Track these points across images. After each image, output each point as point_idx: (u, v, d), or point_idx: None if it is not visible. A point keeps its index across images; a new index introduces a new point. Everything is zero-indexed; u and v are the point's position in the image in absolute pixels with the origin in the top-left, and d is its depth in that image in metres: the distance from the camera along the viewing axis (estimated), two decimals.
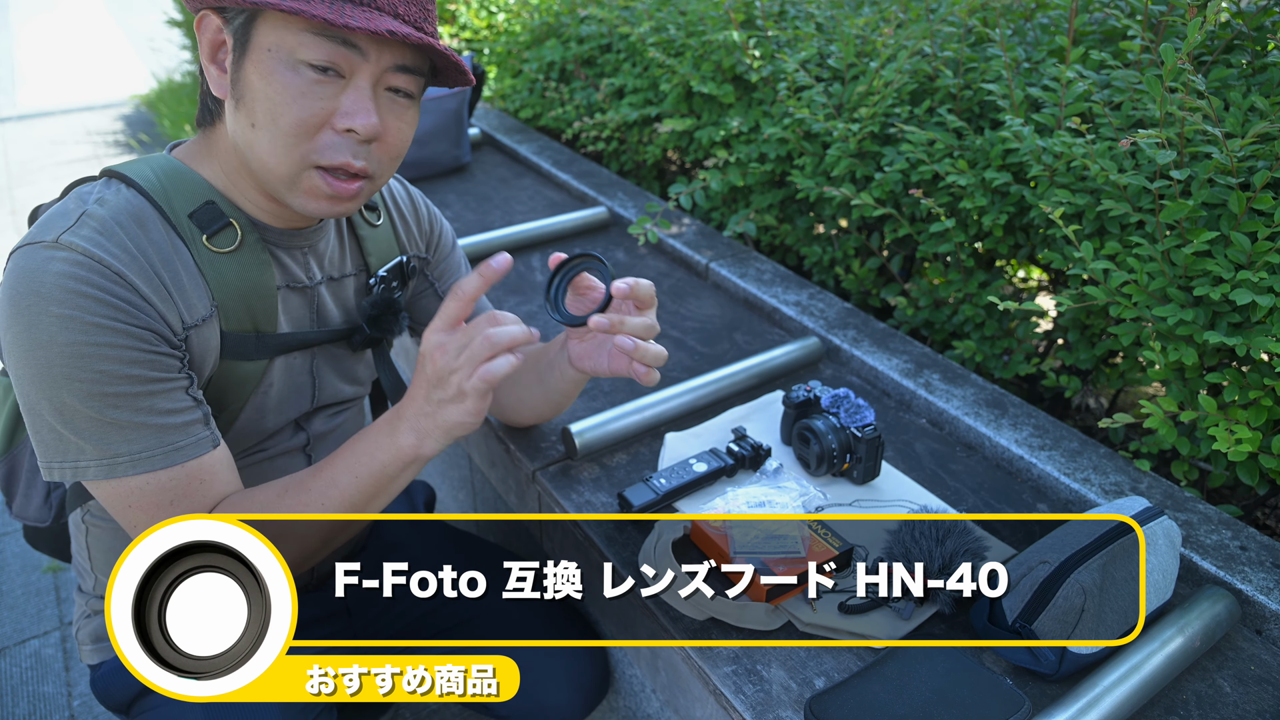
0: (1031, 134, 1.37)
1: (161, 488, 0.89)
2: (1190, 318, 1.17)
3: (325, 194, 0.92)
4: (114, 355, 0.84)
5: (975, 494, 1.22)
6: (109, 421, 0.85)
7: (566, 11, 2.62)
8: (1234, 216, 1.17)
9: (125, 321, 0.84)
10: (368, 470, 0.93)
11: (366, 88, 0.88)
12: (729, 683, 0.94)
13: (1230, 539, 1.10)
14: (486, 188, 2.27)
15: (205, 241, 0.93)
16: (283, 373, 1.05)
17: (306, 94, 0.86)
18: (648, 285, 0.96)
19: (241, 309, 0.97)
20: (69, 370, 0.82)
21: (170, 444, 0.88)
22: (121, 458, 0.87)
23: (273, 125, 0.87)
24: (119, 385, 0.84)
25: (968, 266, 1.64)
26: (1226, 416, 1.16)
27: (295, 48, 0.85)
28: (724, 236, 1.90)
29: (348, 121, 0.88)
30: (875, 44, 1.79)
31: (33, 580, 2.14)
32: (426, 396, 0.90)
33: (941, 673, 0.92)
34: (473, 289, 0.88)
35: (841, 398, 1.21)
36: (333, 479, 0.93)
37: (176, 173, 0.95)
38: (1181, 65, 1.14)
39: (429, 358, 0.89)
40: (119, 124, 5.58)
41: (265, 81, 0.86)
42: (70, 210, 0.88)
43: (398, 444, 0.92)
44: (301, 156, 0.89)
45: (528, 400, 1.23)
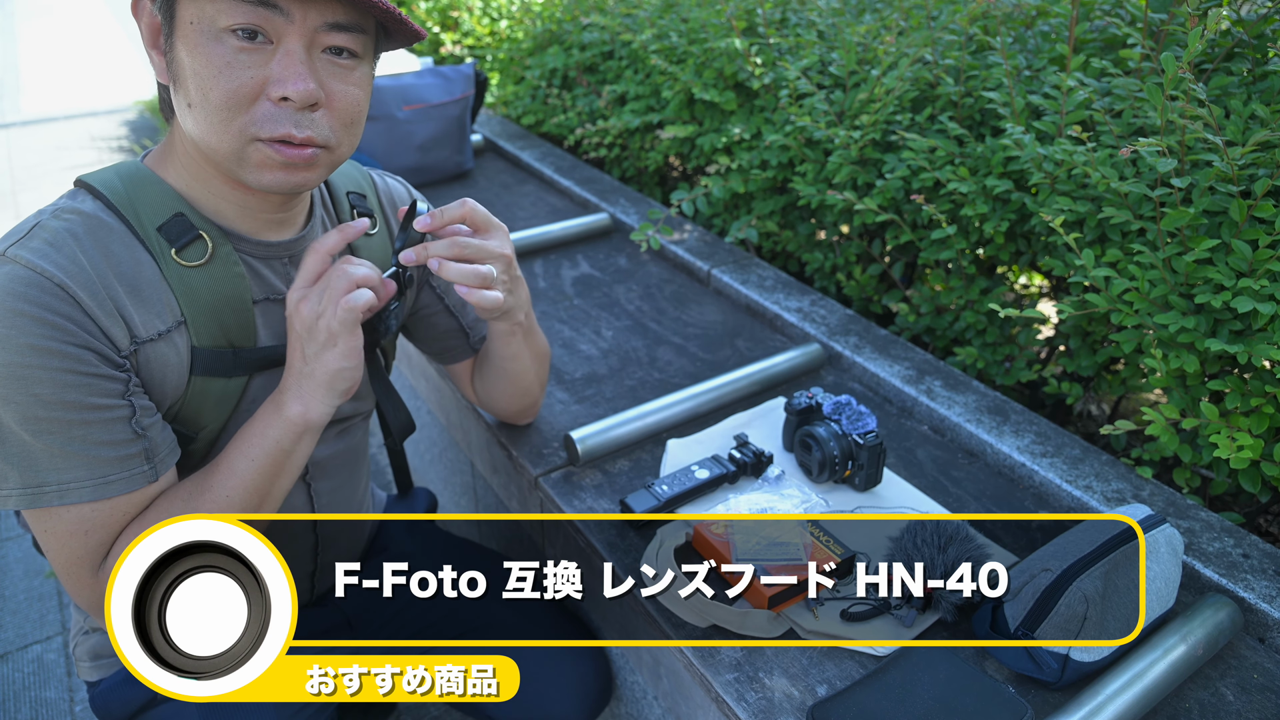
0: (1032, 142, 1.37)
1: (81, 518, 0.86)
2: (1192, 325, 1.17)
3: (278, 163, 0.86)
4: (48, 378, 0.80)
5: (977, 501, 1.22)
6: (41, 447, 0.82)
7: (569, 19, 2.63)
8: (1235, 224, 1.17)
9: (62, 340, 0.81)
10: (261, 450, 0.91)
11: (299, 50, 0.83)
12: (731, 690, 0.94)
13: (1233, 546, 1.10)
14: (489, 194, 2.28)
15: (174, 255, 0.90)
16: (264, 390, 0.99)
17: (232, 64, 0.81)
18: (453, 207, 0.95)
19: (213, 323, 0.93)
20: (3, 391, 0.80)
21: (101, 477, 0.85)
22: (48, 487, 0.84)
23: (205, 102, 0.83)
24: (53, 410, 0.81)
25: (969, 273, 1.64)
26: (1228, 424, 1.16)
27: (215, 16, 0.80)
28: (726, 243, 1.91)
29: (280, 89, 0.82)
30: (877, 51, 1.79)
31: (35, 585, 2.14)
32: (302, 355, 0.90)
33: (944, 680, 0.92)
34: (331, 244, 0.89)
35: (843, 404, 1.22)
36: (230, 469, 0.91)
37: (146, 182, 0.91)
38: (1182, 74, 1.14)
39: (295, 314, 0.89)
40: (123, 129, 5.60)
41: (192, 57, 0.82)
42: (26, 223, 0.85)
43: (285, 415, 0.91)
44: (240, 130, 0.84)
45: (493, 380, 1.23)
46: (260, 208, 0.96)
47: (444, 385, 1.57)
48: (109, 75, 6.83)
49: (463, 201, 0.97)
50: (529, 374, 1.21)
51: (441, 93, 2.27)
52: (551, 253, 1.95)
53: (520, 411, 1.30)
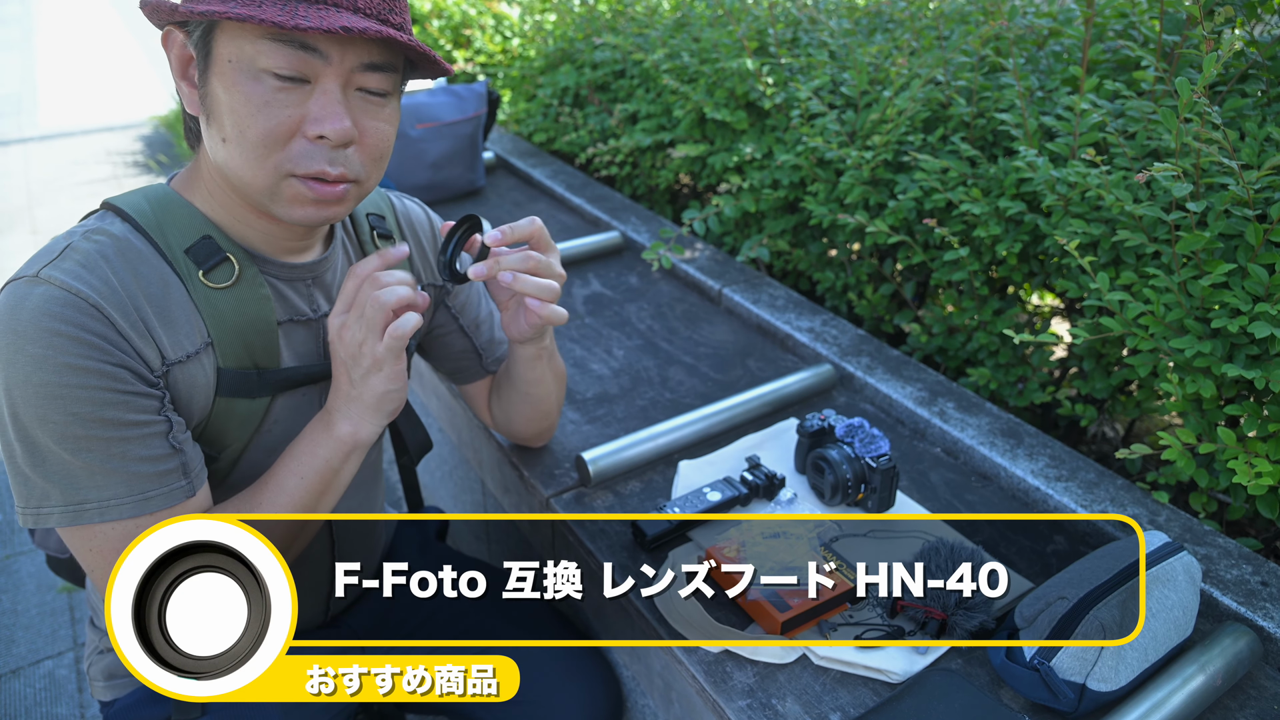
0: (1046, 164, 1.37)
1: (125, 535, 0.86)
2: (1208, 350, 1.16)
3: (309, 199, 0.88)
4: (86, 396, 0.82)
5: (990, 525, 1.21)
6: (80, 465, 0.83)
7: (581, 37, 2.64)
8: (1251, 248, 1.16)
9: (100, 359, 0.82)
10: (311, 468, 0.94)
11: (335, 90, 0.84)
12: (744, 716, 0.93)
13: (1251, 574, 1.09)
14: (500, 211, 2.29)
15: (201, 277, 0.91)
16: (287, 410, 1.01)
17: (271, 103, 0.83)
18: (524, 224, 0.96)
19: (239, 345, 0.94)
20: (42, 411, 0.81)
21: (141, 493, 0.86)
22: (89, 504, 0.84)
23: (241, 138, 0.84)
24: (92, 428, 0.82)
25: (981, 294, 1.64)
26: (1246, 449, 1.15)
27: (254, 56, 0.82)
28: (737, 262, 1.91)
29: (317, 128, 0.84)
30: (888, 72, 1.80)
31: (48, 600, 2.15)
32: (348, 378, 0.92)
33: (959, 709, 0.91)
34: (370, 269, 0.91)
35: (856, 427, 1.21)
36: (279, 486, 0.94)
37: (173, 205, 0.93)
38: (1197, 98, 1.14)
39: (339, 340, 0.91)
40: (138, 144, 5.65)
41: (229, 94, 0.83)
42: (57, 244, 0.86)
43: (335, 434, 0.94)
44: (275, 167, 0.86)
45: (514, 403, 1.23)
46: (285, 235, 0.98)
47: (456, 404, 1.57)
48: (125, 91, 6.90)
49: (532, 220, 0.98)
50: (551, 397, 1.22)
51: (454, 111, 2.28)
52: (565, 271, 1.95)
53: (538, 434, 1.31)
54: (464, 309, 1.24)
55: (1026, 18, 1.68)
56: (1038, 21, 1.66)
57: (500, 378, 1.25)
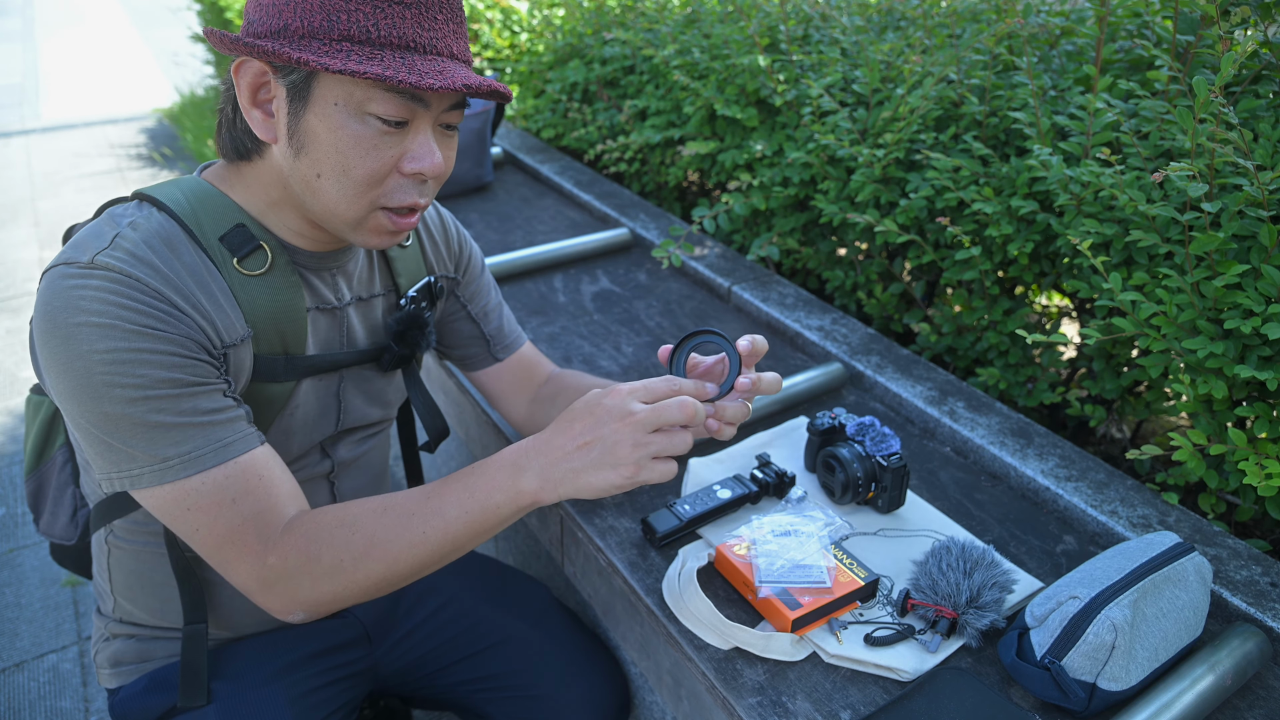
0: (1059, 163, 1.37)
1: (219, 486, 0.88)
2: (1220, 351, 1.16)
3: (389, 230, 0.95)
4: (153, 360, 0.84)
5: (1001, 524, 1.21)
6: (154, 424, 0.85)
7: (590, 33, 2.64)
8: (1264, 249, 1.16)
9: (164, 329, 0.85)
10: (480, 507, 0.90)
11: (429, 130, 0.91)
12: (754, 713, 0.93)
13: (1260, 575, 1.09)
14: (508, 207, 2.29)
15: (236, 264, 0.94)
16: (309, 395, 1.05)
17: (379, 145, 0.88)
18: (762, 342, 0.97)
19: (272, 331, 0.97)
20: (109, 378, 0.83)
21: (219, 440, 0.88)
22: (172, 460, 0.86)
23: (344, 176, 0.89)
24: (159, 389, 0.85)
25: (992, 293, 1.63)
26: (1256, 450, 1.15)
27: (364, 101, 0.86)
28: (746, 260, 1.91)
29: (416, 165, 0.90)
30: (900, 70, 1.79)
31: (51, 594, 2.15)
32: (572, 452, 0.87)
33: (969, 707, 0.91)
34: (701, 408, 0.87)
35: (867, 426, 1.21)
36: (439, 509, 0.91)
37: (207, 195, 0.96)
38: (1214, 98, 1.13)
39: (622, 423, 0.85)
40: (141, 137, 5.65)
41: (334, 134, 0.87)
42: (104, 232, 0.88)
43: (518, 487, 0.89)
44: (370, 202, 0.91)
45: None
46: (326, 241, 1.02)
47: (463, 399, 1.57)
48: (128, 83, 6.90)
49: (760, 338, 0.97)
50: None
51: None
52: (571, 267, 1.95)
53: None
54: (474, 297, 1.27)
55: (1040, 16, 1.68)
56: (1051, 20, 1.66)
57: (556, 393, 1.25)
